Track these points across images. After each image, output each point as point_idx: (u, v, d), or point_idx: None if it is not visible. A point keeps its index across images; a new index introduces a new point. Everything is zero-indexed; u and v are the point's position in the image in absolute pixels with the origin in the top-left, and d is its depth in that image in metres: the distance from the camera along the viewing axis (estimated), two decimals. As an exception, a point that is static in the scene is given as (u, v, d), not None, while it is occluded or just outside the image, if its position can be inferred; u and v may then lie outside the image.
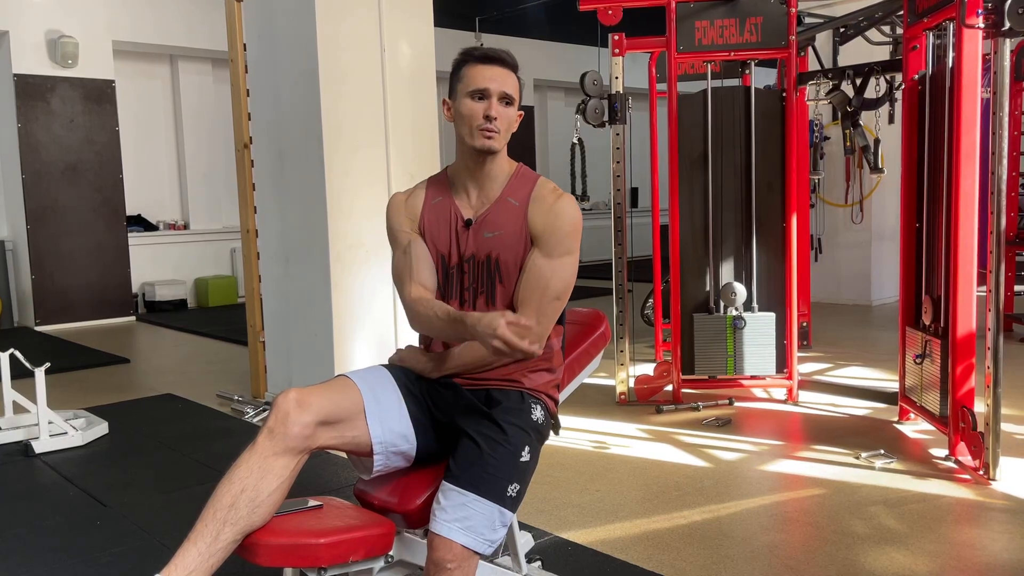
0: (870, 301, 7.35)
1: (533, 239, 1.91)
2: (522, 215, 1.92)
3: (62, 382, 5.26)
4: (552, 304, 1.91)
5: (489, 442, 1.79)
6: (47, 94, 7.72)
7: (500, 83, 1.89)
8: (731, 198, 4.29)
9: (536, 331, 1.88)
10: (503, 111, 1.90)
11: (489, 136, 1.88)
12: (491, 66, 1.90)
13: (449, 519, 1.72)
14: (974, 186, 3.17)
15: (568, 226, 1.91)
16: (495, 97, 1.88)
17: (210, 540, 1.67)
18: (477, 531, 1.72)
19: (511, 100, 1.91)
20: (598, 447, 3.68)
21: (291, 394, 1.79)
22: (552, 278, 1.89)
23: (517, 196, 1.94)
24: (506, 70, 1.91)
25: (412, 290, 1.95)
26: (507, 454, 1.80)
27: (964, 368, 3.24)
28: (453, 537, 1.71)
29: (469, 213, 1.96)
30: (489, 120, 1.88)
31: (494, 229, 1.93)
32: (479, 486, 1.75)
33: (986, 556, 2.54)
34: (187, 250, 9.14)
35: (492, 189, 1.96)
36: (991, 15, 2.92)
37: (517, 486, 1.80)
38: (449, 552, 1.70)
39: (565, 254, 1.91)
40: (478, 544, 1.73)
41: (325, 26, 4.06)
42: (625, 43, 4.29)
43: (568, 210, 1.92)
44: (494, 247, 1.92)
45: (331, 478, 3.32)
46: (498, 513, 1.75)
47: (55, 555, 2.71)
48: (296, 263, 4.39)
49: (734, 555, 2.57)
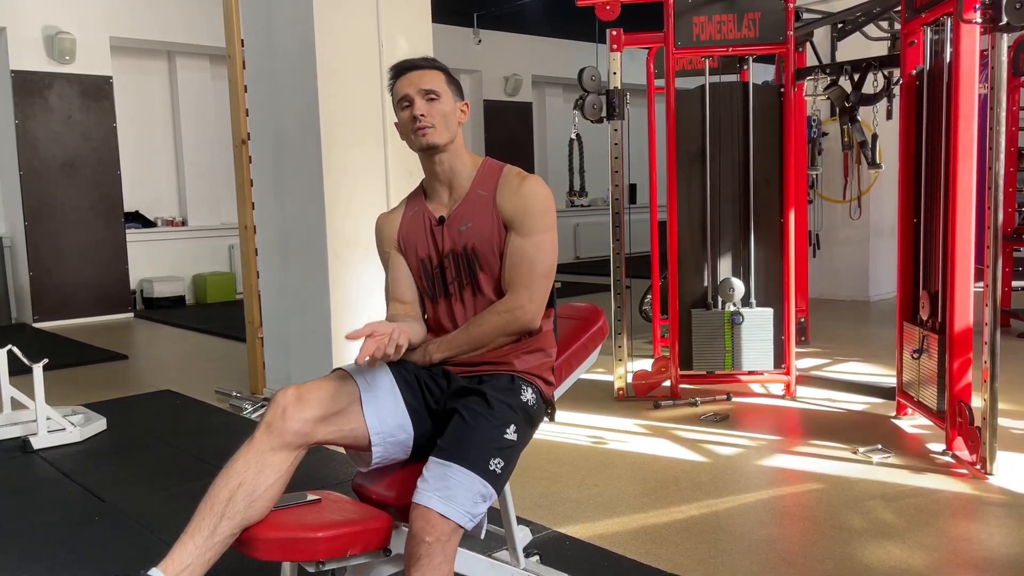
0: (868, 297, 7.35)
1: (507, 224, 1.95)
2: (491, 202, 1.96)
3: (60, 378, 5.26)
4: (541, 281, 1.95)
5: (473, 415, 1.81)
6: (45, 90, 7.71)
7: (417, 83, 1.95)
8: (729, 194, 4.29)
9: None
10: (429, 106, 1.94)
11: (423, 132, 1.93)
12: (407, 74, 1.98)
13: (429, 489, 1.71)
14: (971, 182, 3.17)
15: (539, 204, 1.96)
16: (417, 98, 1.94)
17: (207, 534, 1.67)
18: (456, 501, 1.70)
19: (436, 94, 1.95)
20: (596, 442, 3.68)
21: (289, 390, 1.80)
22: (536, 256, 1.94)
23: (485, 187, 1.99)
24: (422, 71, 1.97)
25: (389, 308, 2.07)
26: (490, 427, 1.80)
27: (961, 363, 3.24)
28: (432, 505, 1.68)
29: (442, 212, 2.02)
30: (416, 120, 1.93)
31: (467, 221, 1.97)
32: (461, 457, 1.74)
33: (983, 550, 2.55)
34: (185, 246, 9.14)
35: (460, 186, 2.01)
36: (988, 10, 2.92)
37: (501, 462, 1.78)
38: (427, 522, 1.68)
39: (542, 232, 1.95)
40: (458, 515, 1.70)
41: (323, 22, 4.06)
42: (623, 39, 4.28)
43: (535, 189, 1.97)
44: (469, 238, 1.97)
45: (329, 473, 3.33)
46: (480, 484, 1.74)
47: (53, 550, 2.72)
48: (294, 259, 4.39)
49: (731, 549, 2.57)
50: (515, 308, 1.92)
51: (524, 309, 1.92)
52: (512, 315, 1.92)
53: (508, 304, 1.93)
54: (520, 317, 1.92)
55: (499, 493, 1.84)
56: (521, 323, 1.93)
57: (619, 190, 4.31)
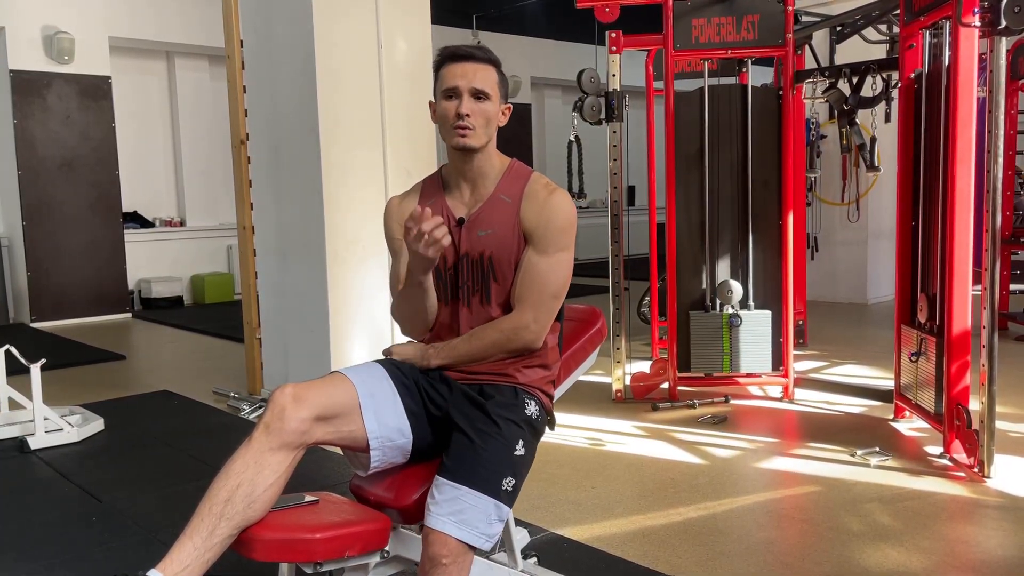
0: (866, 299, 7.36)
1: (526, 236, 1.91)
2: (515, 212, 1.91)
3: (58, 378, 5.25)
4: (550, 302, 1.91)
5: (482, 436, 1.79)
6: (43, 90, 7.70)
7: (470, 79, 1.86)
8: (728, 196, 4.30)
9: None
10: (476, 107, 1.87)
11: (463, 134, 1.86)
12: (462, 63, 1.88)
13: (443, 513, 1.71)
14: (970, 185, 3.18)
15: (562, 222, 1.90)
16: (466, 94, 1.86)
17: (206, 535, 1.67)
18: (472, 524, 1.72)
19: (485, 95, 1.88)
20: (594, 444, 3.68)
21: (287, 389, 1.79)
22: (549, 275, 1.89)
23: (510, 193, 1.93)
24: (478, 64, 1.88)
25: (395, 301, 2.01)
26: (500, 447, 1.80)
27: (959, 366, 3.25)
28: (447, 531, 1.70)
29: (462, 211, 1.96)
30: (460, 118, 1.86)
31: (487, 227, 1.92)
32: (472, 479, 1.74)
33: (980, 553, 2.55)
34: (183, 247, 9.13)
35: (484, 187, 1.95)
36: (987, 14, 2.92)
37: (512, 480, 1.80)
38: (444, 547, 1.70)
39: (560, 251, 1.90)
40: (473, 538, 1.72)
41: (322, 23, 4.06)
42: (622, 41, 4.29)
43: (562, 206, 1.91)
44: (487, 245, 1.91)
45: (327, 474, 3.32)
46: (493, 507, 1.75)
47: (51, 551, 2.71)
48: (293, 260, 4.39)
49: (729, 551, 2.58)
50: (519, 328, 1.89)
51: (528, 329, 1.89)
52: (515, 334, 1.89)
53: (513, 322, 1.89)
54: (523, 336, 1.89)
55: (511, 507, 1.83)
56: (523, 342, 1.90)
57: (618, 192, 4.31)
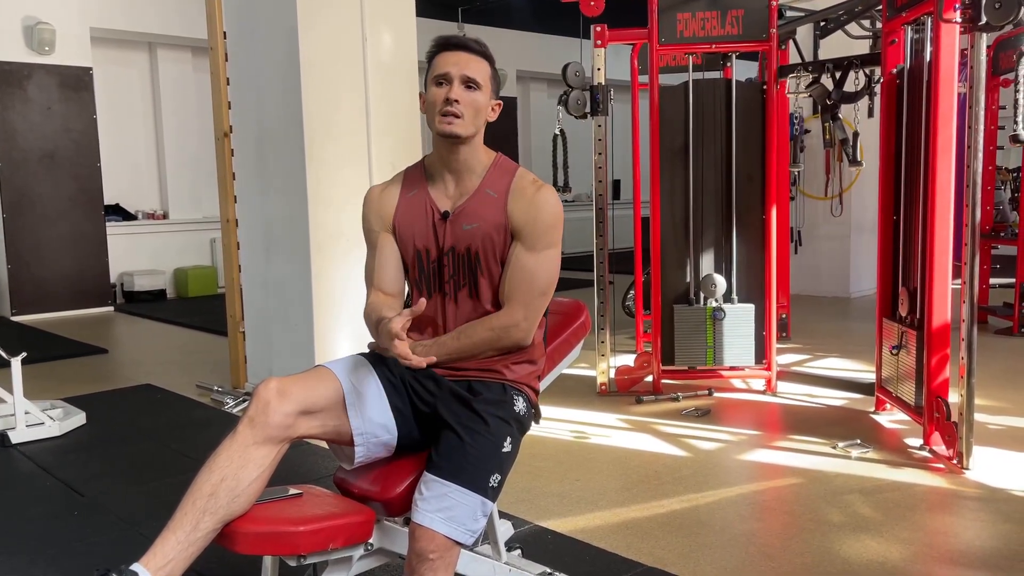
0: (849, 293, 7.42)
1: (514, 232, 1.90)
2: (501, 207, 1.90)
3: (39, 372, 5.20)
4: (539, 299, 1.91)
5: (471, 433, 1.80)
6: (23, 81, 7.61)
7: (462, 67, 1.85)
8: (712, 190, 4.31)
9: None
10: (466, 95, 1.85)
11: (450, 121, 1.84)
12: (456, 52, 1.88)
13: (431, 509, 1.72)
14: (950, 180, 3.21)
15: (550, 219, 1.90)
16: (456, 80, 1.85)
17: (189, 529, 1.67)
18: (459, 521, 1.73)
19: (476, 84, 1.86)
20: (578, 437, 3.69)
21: (272, 383, 1.78)
22: (537, 272, 1.89)
23: (496, 187, 1.92)
24: (472, 55, 1.88)
25: (371, 295, 1.96)
26: (489, 445, 1.80)
27: (939, 359, 3.28)
28: (435, 528, 1.71)
29: (446, 204, 1.93)
30: (449, 103, 1.84)
31: (472, 221, 1.90)
32: (461, 477, 1.75)
33: (959, 543, 2.59)
34: (166, 240, 9.06)
35: (470, 180, 1.93)
36: (968, 10, 2.95)
37: (498, 476, 1.81)
38: (432, 543, 1.71)
39: (548, 247, 1.90)
40: (460, 534, 1.73)
41: (306, 15, 4.03)
42: (607, 34, 4.29)
43: (549, 202, 1.90)
44: (473, 240, 1.90)
45: (311, 467, 3.32)
46: (480, 503, 1.76)
47: (32, 546, 2.70)
48: (277, 253, 4.37)
49: (712, 543, 2.60)
50: (509, 326, 1.88)
51: (518, 327, 1.89)
52: (505, 332, 1.89)
53: (502, 320, 1.89)
54: (513, 335, 1.89)
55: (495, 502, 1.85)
56: (513, 340, 1.90)
57: (603, 186, 4.32)
